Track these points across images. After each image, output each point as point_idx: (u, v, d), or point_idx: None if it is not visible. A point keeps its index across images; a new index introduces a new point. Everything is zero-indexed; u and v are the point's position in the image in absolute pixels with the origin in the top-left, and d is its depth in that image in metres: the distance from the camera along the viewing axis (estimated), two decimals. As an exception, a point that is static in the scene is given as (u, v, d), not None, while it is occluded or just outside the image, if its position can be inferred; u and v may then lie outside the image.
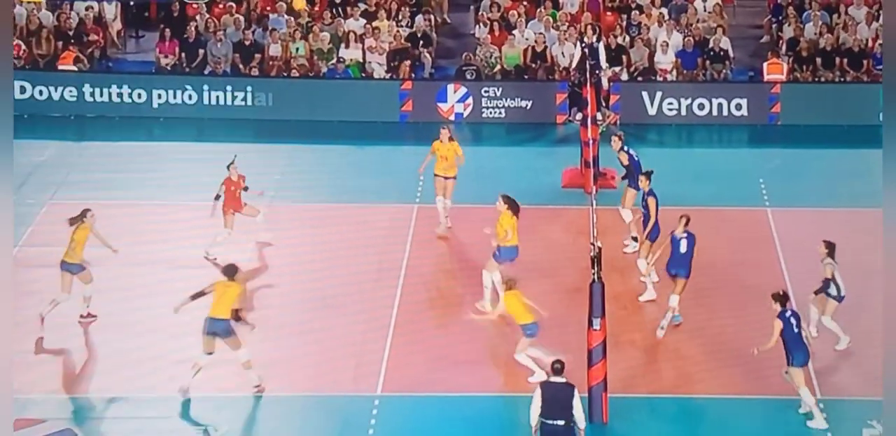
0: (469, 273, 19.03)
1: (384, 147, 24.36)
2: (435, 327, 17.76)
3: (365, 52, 26.58)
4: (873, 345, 17.06)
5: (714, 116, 25.43)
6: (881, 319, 17.42)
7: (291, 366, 16.76)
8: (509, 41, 26.70)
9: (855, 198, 21.38)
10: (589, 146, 21.84)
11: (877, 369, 16.33)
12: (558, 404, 14.04)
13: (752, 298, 18.19)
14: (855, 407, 15.77)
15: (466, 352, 17.15)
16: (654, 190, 18.23)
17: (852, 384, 16.36)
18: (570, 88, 25.31)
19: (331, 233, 20.51)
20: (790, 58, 26.31)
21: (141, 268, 18.92)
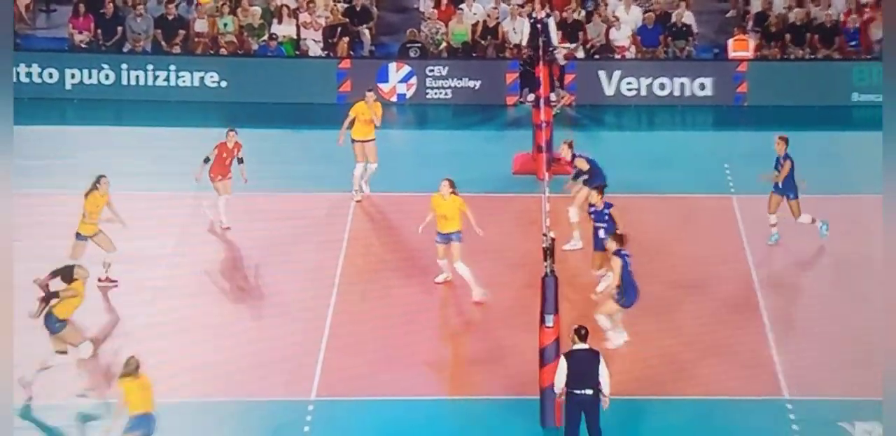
0: (410, 265, 19.08)
1: (321, 131, 24.25)
2: (372, 329, 17.74)
3: (299, 27, 26.48)
4: (843, 343, 17.27)
5: (676, 97, 25.60)
6: (850, 314, 17.81)
7: (223, 370, 16.71)
8: (457, 16, 26.72)
9: (826, 184, 21.54)
10: (542, 130, 21.88)
11: (856, 366, 16.63)
12: (586, 373, 14.20)
13: (718, 296, 18.38)
14: (826, 408, 15.88)
15: (404, 354, 17.16)
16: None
17: (824, 383, 16.47)
18: (522, 67, 25.37)
19: (264, 223, 20.44)
20: (758, 34, 26.48)
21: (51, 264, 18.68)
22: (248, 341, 17.33)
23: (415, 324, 17.91)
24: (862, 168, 21.68)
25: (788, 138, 19.71)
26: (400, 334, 17.60)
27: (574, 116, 25.22)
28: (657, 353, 17.10)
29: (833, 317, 18.02)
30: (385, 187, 21.47)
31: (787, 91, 25.41)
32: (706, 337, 17.48)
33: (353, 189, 20.89)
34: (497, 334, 17.59)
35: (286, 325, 17.75)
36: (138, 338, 17.14)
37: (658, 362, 16.90)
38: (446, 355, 17.30)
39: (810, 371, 16.68)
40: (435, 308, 18.38)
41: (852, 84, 25.50)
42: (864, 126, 24.08)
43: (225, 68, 25.84)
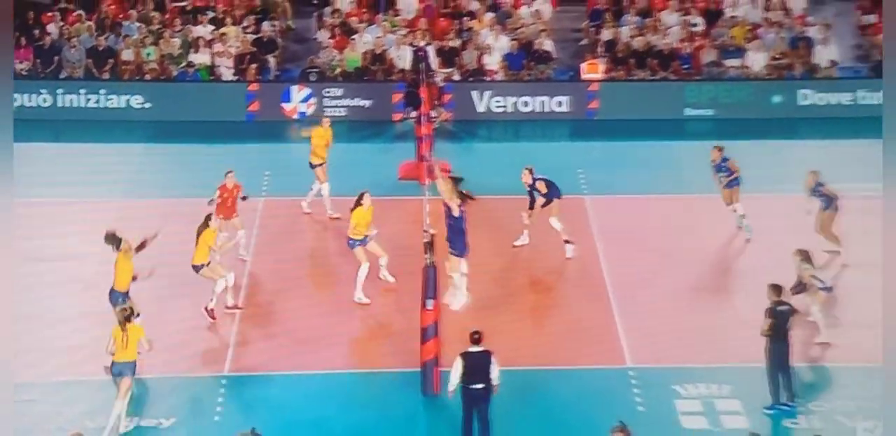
0: (314, 262, 19.12)
1: (232, 145, 24.21)
2: (278, 311, 17.75)
3: (213, 56, 26.42)
4: (680, 315, 17.64)
5: (538, 113, 25.88)
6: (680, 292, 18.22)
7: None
8: (350, 45, 26.77)
9: (664, 185, 21.98)
10: (423, 141, 22.06)
11: (686, 336, 16.96)
12: (479, 371, 14.38)
13: (573, 278, 18.64)
14: (663, 374, 16.17)
15: (310, 331, 17.16)
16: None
17: (660, 352, 16.81)
18: (407, 88, 25.51)
19: (184, 225, 20.26)
20: (607, 58, 26.89)
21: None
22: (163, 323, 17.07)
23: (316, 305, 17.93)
24: (692, 172, 22.12)
25: (723, 147, 19.88)
26: (304, 317, 17.59)
27: (451, 130, 25.33)
28: (525, 331, 17.33)
29: (666, 295, 18.35)
30: (291, 192, 21.45)
31: (632, 107, 25.87)
32: (560, 317, 17.71)
33: (307, 201, 20.58)
34: (386, 314, 17.71)
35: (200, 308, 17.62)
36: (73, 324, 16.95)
37: (525, 338, 17.13)
38: (346, 331, 17.31)
39: (649, 343, 17.00)
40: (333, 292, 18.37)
41: (685, 101, 26.03)
42: (695, 137, 24.62)
43: (149, 92, 25.65)
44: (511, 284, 18.31)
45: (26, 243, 18.99)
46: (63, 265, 18.81)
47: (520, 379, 15.84)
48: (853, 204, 21.22)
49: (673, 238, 19.89)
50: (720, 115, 25.69)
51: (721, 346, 16.84)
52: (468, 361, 14.42)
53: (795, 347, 15.35)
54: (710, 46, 27.03)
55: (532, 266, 19.01)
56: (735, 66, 26.80)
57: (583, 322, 17.50)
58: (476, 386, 14.41)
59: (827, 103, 25.89)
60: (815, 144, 24.52)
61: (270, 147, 24.41)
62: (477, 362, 14.41)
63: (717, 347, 16.82)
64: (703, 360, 16.45)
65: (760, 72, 26.76)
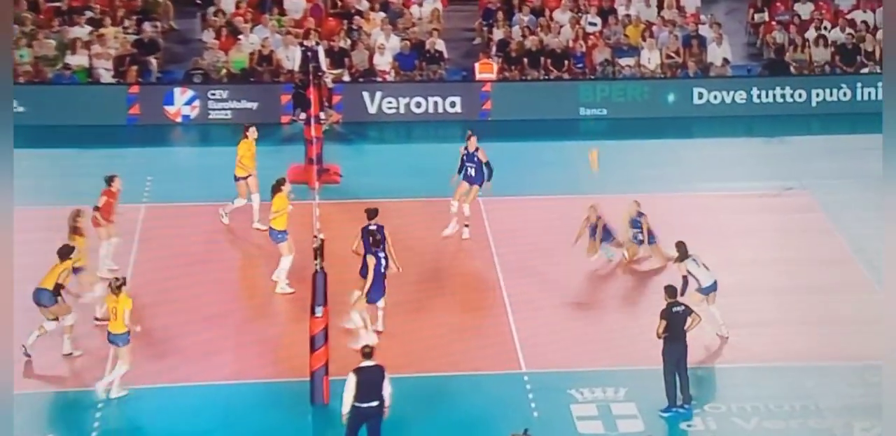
0: (197, 269, 18.82)
1: (112, 150, 23.80)
2: (160, 323, 17.46)
3: (91, 58, 25.92)
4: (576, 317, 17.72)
5: (430, 114, 25.83)
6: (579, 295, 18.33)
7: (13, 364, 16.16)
8: (236, 46, 26.46)
9: (559, 186, 22.07)
10: (313, 144, 21.86)
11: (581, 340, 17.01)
12: (372, 387, 14.02)
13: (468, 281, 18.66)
14: (558, 378, 16.24)
15: (194, 342, 16.99)
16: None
17: (556, 357, 16.85)
18: (295, 90, 25.27)
19: (58, 235, 19.83)
20: (500, 58, 26.95)
21: None
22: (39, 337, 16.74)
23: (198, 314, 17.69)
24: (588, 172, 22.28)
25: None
26: (184, 325, 17.38)
27: (341, 132, 25.22)
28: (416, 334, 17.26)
29: (561, 298, 18.44)
30: (175, 198, 21.23)
31: (526, 107, 25.98)
32: (454, 321, 17.67)
33: (225, 212, 20.18)
34: (272, 323, 17.49)
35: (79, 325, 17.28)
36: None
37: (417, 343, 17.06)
38: (227, 343, 17.11)
39: (544, 347, 17.05)
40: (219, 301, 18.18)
41: (579, 100, 26.18)
42: (590, 136, 24.80)
43: (23, 95, 25.02)
44: (405, 287, 18.20)
45: None
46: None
47: (412, 385, 15.78)
48: (749, 202, 21.64)
49: (570, 240, 19.94)
50: (615, 114, 25.90)
51: (617, 349, 16.97)
52: (361, 377, 14.09)
53: (691, 348, 15.47)
54: (603, 45, 27.24)
55: (426, 270, 18.89)
56: (629, 65, 27.05)
57: (477, 327, 17.50)
58: (369, 404, 14.08)
59: (721, 102, 26.24)
60: (711, 143, 24.85)
61: (153, 151, 24.04)
62: (370, 378, 14.08)
63: (613, 350, 16.95)
64: (598, 363, 16.55)
65: (655, 71, 27.05)
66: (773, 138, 25.20)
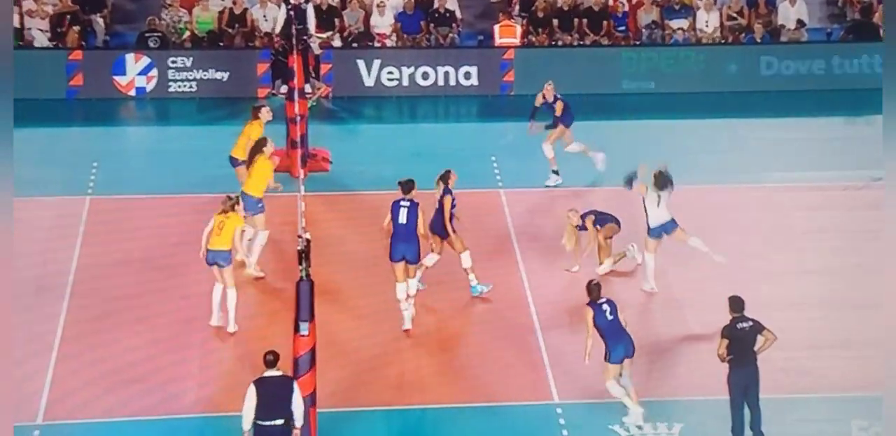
0: (151, 275, 18.79)
1: (49, 129, 23.73)
2: (107, 344, 17.42)
3: (22, 16, 25.92)
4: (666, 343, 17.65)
5: (440, 87, 25.82)
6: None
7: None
8: (201, 3, 26.52)
9: (595, 175, 21.95)
10: (296, 124, 21.83)
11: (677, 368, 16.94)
12: (276, 402, 14.15)
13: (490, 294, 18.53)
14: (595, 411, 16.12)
15: (140, 371, 16.88)
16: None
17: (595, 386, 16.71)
18: (274, 57, 25.25)
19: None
20: (524, 19, 26.84)
21: None
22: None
23: (150, 336, 17.59)
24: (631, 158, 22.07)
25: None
26: (137, 348, 17.30)
27: (331, 109, 25.27)
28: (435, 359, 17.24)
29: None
30: (118, 189, 21.20)
31: (556, 79, 25.76)
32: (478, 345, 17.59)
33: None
34: (248, 340, 17.36)
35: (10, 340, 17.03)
36: None
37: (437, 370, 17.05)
38: (192, 368, 17.02)
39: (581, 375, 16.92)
40: (179, 316, 18.09)
41: (621, 71, 26.08)
42: (633, 115, 24.73)
43: (-60, 62, 25.00)
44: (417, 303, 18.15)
45: None
46: None
47: (435, 417, 15.84)
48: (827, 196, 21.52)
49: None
50: (663, 88, 25.76)
51: (669, 376, 16.88)
52: (262, 390, 14.18)
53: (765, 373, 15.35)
54: (650, 4, 27.15)
55: (445, 282, 18.77)
56: (682, 29, 26.95)
57: (503, 351, 17.38)
58: (272, 422, 14.16)
59: (795, 73, 26.11)
60: (781, 124, 24.74)
61: (100, 131, 24.03)
62: (273, 390, 14.18)
63: (665, 378, 16.85)
64: (648, 393, 16.36)
65: (713, 35, 26.92)
66: (858, 118, 25.09)
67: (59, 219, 20.29)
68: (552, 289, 18.84)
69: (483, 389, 16.64)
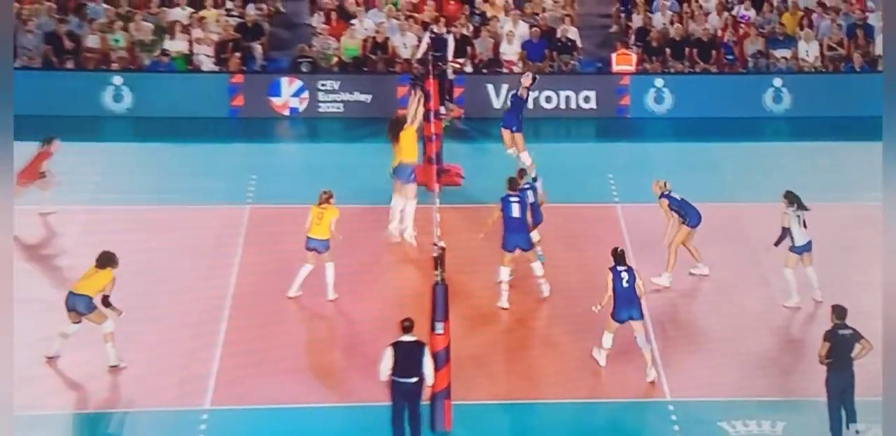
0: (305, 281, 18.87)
1: (213, 144, 24.11)
2: (266, 338, 17.59)
3: (191, 43, 26.28)
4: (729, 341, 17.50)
5: (562, 109, 25.80)
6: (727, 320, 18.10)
7: (116, 379, 16.47)
8: (348, 31, 26.64)
9: (705, 192, 21.77)
10: (432, 142, 21.88)
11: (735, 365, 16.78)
12: (410, 363, 14.64)
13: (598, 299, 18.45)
14: (706, 408, 16.05)
15: (297, 362, 17.06)
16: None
17: (704, 383, 16.66)
18: (412, 81, 25.31)
19: (156, 237, 20.20)
20: (639, 48, 26.79)
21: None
22: (141, 351, 17.04)
23: (305, 333, 17.79)
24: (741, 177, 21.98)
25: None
26: (290, 344, 17.47)
27: (463, 129, 25.26)
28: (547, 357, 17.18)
29: (711, 318, 18.28)
30: (281, 199, 21.38)
31: (668, 103, 25.81)
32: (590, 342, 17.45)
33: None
34: (384, 341, 17.52)
35: (182, 334, 17.51)
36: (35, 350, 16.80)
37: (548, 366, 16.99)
38: (336, 362, 17.17)
39: (691, 373, 16.86)
40: (324, 317, 18.27)
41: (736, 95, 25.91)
42: (771, 138, 24.50)
43: (118, 83, 25.51)
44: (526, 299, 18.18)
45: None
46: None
47: (546, 412, 15.79)
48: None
49: (716, 251, 19.69)
50: (793, 112, 25.57)
51: (776, 377, 16.74)
52: (398, 352, 14.65)
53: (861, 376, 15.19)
54: (756, 35, 26.92)
55: (555, 281, 18.82)
56: (785, 57, 26.68)
57: (616, 349, 17.25)
58: (407, 380, 14.64)
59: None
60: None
61: (257, 147, 24.30)
62: (407, 353, 14.66)
63: (771, 378, 16.72)
64: (753, 393, 16.29)
65: (814, 64, 26.63)
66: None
67: (223, 226, 20.51)
68: (663, 293, 18.72)
69: (597, 387, 16.54)
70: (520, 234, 18.18)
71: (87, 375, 16.51)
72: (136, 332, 17.35)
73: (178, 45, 26.32)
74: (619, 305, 16.51)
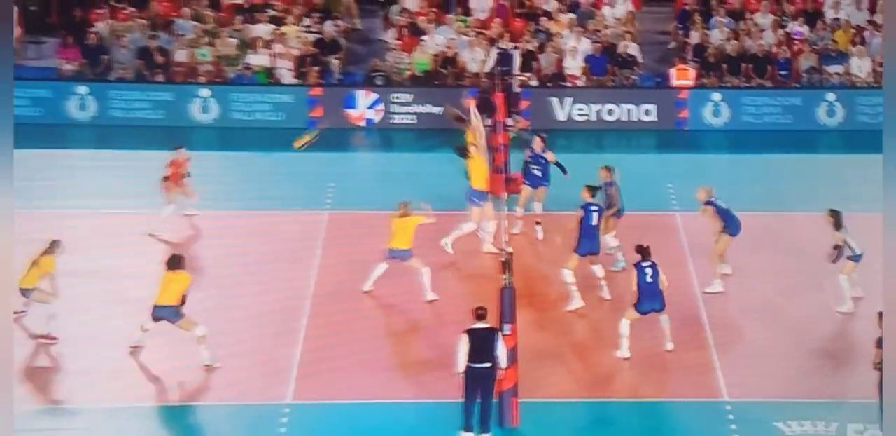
0: (379, 280, 18.97)
1: (293, 153, 24.24)
2: (346, 335, 17.74)
3: (273, 57, 26.54)
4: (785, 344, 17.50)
5: (623, 121, 25.82)
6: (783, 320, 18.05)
7: (200, 375, 16.67)
8: (419, 47, 26.82)
9: (759, 201, 21.77)
10: (499, 152, 21.97)
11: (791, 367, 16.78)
12: (483, 348, 14.81)
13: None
14: (763, 409, 16.02)
15: (378, 359, 17.18)
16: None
17: (760, 384, 16.66)
18: (480, 94, 25.48)
19: (240, 241, 20.43)
20: (697, 64, 26.76)
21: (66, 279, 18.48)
22: (227, 348, 17.19)
23: (383, 330, 17.95)
24: (792, 187, 21.90)
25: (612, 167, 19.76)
26: (368, 340, 17.62)
27: (528, 140, 25.19)
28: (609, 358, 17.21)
29: (767, 322, 18.24)
30: (357, 206, 21.58)
31: (725, 116, 25.74)
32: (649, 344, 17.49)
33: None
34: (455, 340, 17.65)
35: (265, 333, 17.70)
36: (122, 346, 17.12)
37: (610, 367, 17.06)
38: (414, 359, 17.29)
39: (748, 374, 16.85)
40: (404, 316, 18.42)
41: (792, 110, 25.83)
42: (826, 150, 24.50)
43: (203, 95, 25.84)
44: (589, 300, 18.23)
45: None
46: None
47: (608, 410, 15.80)
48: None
49: (771, 259, 19.66)
50: (845, 126, 25.49)
51: (831, 379, 16.71)
52: (473, 338, 14.83)
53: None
54: (809, 51, 26.82)
55: (618, 284, 18.87)
56: (838, 73, 26.56)
57: (675, 351, 17.33)
58: (481, 365, 14.79)
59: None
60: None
61: (335, 156, 24.43)
62: (481, 339, 14.85)
63: (827, 380, 16.68)
64: (809, 394, 16.28)
65: (866, 80, 26.49)
66: None
67: (304, 230, 20.66)
68: (721, 295, 18.73)
69: (657, 386, 16.56)
70: (594, 240, 18.42)
71: (175, 368, 16.71)
72: (222, 329, 17.55)
73: (261, 59, 26.62)
74: (643, 298, 16.81)
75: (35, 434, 15.28)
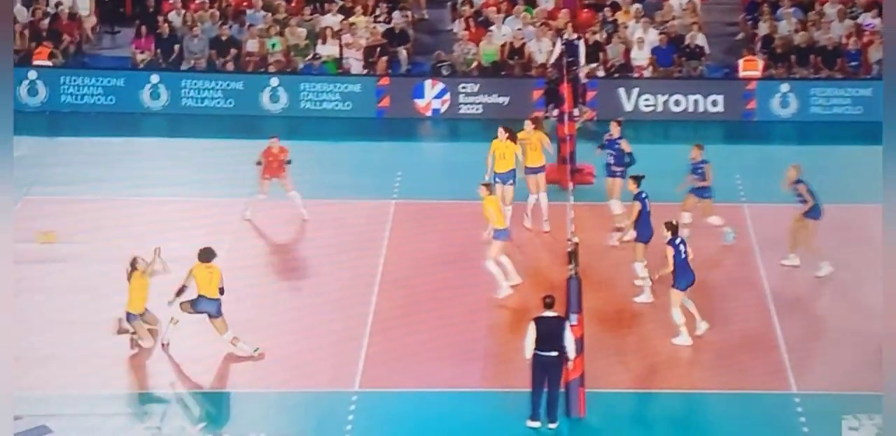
0: (445, 269, 18.92)
1: (362, 143, 24.21)
2: (412, 324, 17.64)
3: (342, 48, 26.43)
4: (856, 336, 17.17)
5: (690, 112, 25.48)
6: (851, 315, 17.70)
7: (268, 362, 16.63)
8: (487, 37, 26.62)
9: (828, 193, 21.26)
10: (566, 142, 21.74)
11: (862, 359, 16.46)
12: (551, 337, 14.71)
13: (731, 292, 18.22)
14: (833, 401, 15.74)
15: (444, 348, 17.05)
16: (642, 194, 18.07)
17: (831, 377, 16.35)
18: (547, 85, 25.25)
19: (309, 229, 20.39)
20: (765, 55, 26.30)
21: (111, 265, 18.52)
22: (295, 336, 17.21)
23: (450, 319, 17.78)
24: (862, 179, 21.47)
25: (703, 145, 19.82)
26: (435, 329, 17.49)
27: (595, 130, 24.94)
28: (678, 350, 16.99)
29: (838, 312, 17.99)
30: (424, 194, 21.48)
31: (792, 108, 25.27)
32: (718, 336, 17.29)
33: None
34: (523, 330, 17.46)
35: (332, 321, 17.65)
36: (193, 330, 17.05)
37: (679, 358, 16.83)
38: (481, 348, 17.14)
39: (818, 365, 16.56)
40: (470, 305, 18.23)
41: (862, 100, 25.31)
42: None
43: (274, 85, 25.77)
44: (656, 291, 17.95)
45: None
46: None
47: (675, 401, 15.64)
48: None
49: (842, 250, 19.26)
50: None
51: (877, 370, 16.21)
52: (540, 326, 14.70)
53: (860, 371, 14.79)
54: (880, 42, 26.24)
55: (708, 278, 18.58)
56: (909, 64, 25.97)
57: (744, 343, 17.08)
58: (548, 353, 14.65)
59: None
60: None
61: (402, 146, 24.38)
62: (549, 327, 14.71)
63: (869, 371, 16.27)
64: (880, 387, 15.82)
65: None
66: None
67: (371, 219, 20.58)
68: (789, 288, 18.45)
69: (727, 378, 16.34)
70: (650, 228, 18.22)
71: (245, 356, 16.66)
72: (290, 318, 17.49)
73: (330, 49, 26.52)
74: (680, 274, 16.59)
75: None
